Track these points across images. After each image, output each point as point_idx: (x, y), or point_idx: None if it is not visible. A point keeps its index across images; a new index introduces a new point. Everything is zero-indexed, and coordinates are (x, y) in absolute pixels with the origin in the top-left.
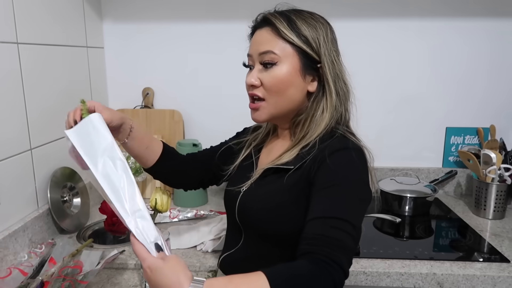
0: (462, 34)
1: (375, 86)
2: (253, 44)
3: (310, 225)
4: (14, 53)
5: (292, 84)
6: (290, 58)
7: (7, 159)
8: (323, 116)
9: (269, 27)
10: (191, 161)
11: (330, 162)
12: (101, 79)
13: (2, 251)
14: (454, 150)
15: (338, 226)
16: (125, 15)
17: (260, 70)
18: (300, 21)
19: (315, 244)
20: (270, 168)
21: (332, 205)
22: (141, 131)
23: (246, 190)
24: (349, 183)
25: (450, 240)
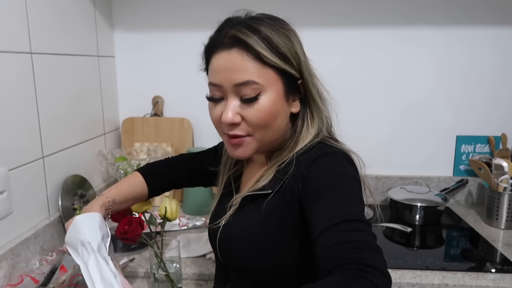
0: (467, 42)
1: (383, 94)
2: (221, 71)
3: (321, 240)
4: (28, 63)
5: (279, 112)
6: (274, 84)
7: (20, 167)
8: (308, 133)
9: (243, 49)
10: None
11: (312, 170)
12: (112, 88)
13: (14, 259)
14: (465, 158)
15: (351, 228)
16: (135, 24)
17: (240, 105)
18: (274, 35)
19: (337, 256)
20: (247, 196)
21: (335, 210)
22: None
23: (225, 224)
24: (341, 182)
25: (461, 250)
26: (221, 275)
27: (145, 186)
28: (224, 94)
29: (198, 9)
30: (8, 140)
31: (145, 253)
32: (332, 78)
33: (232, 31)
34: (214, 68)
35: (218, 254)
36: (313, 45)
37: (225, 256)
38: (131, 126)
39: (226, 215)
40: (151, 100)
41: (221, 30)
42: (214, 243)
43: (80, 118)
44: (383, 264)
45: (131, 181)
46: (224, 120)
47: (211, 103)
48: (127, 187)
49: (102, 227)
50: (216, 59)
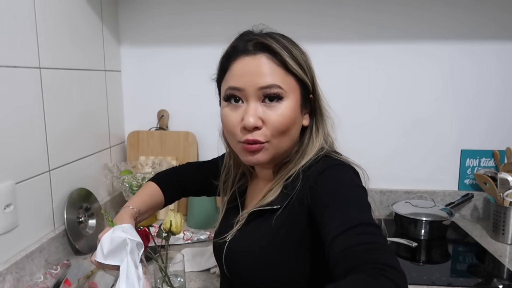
0: (472, 56)
1: (388, 108)
2: (245, 75)
3: (336, 245)
4: (37, 78)
5: (296, 121)
6: (295, 92)
7: (26, 180)
8: (313, 146)
9: (270, 55)
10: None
11: (320, 181)
12: (118, 102)
13: (19, 272)
14: (470, 172)
15: (365, 231)
16: (141, 39)
17: (261, 108)
18: (294, 49)
19: (353, 257)
20: (254, 212)
21: (347, 216)
22: (144, 209)
23: (231, 239)
24: (350, 190)
25: (468, 266)
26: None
27: (162, 195)
28: (245, 98)
29: (204, 24)
30: (16, 154)
31: (149, 267)
32: (337, 92)
33: (257, 38)
34: (236, 72)
35: (224, 269)
36: (319, 59)
37: (232, 271)
38: (136, 140)
39: (232, 230)
40: (156, 114)
41: (242, 39)
42: (220, 258)
43: (87, 132)
44: (397, 263)
45: (150, 192)
46: (247, 123)
47: (227, 109)
48: (148, 197)
49: (136, 236)
50: (238, 64)
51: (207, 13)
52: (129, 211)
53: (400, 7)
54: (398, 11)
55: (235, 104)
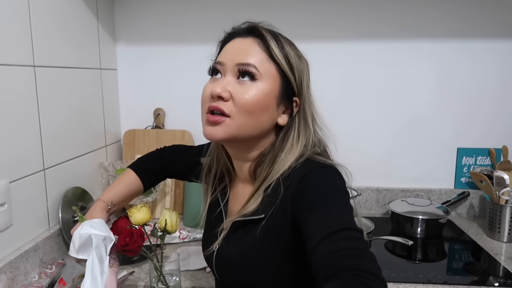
0: (469, 55)
1: (384, 107)
2: (230, 51)
3: (318, 250)
4: (31, 76)
5: (267, 108)
6: (272, 80)
7: (21, 179)
8: (290, 156)
9: (257, 39)
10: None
11: (303, 186)
12: (114, 100)
13: (14, 271)
14: (466, 171)
15: (345, 236)
16: (137, 37)
17: (233, 83)
18: (288, 47)
19: (334, 263)
20: (238, 221)
21: (329, 221)
22: (117, 200)
23: (219, 248)
24: (333, 194)
25: (464, 264)
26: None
27: (139, 182)
28: (224, 72)
29: (200, 23)
30: (10, 152)
31: (144, 266)
32: (333, 91)
33: (255, 25)
34: (225, 50)
35: (215, 274)
36: (315, 58)
37: (223, 276)
38: (132, 138)
39: (218, 240)
40: (152, 112)
41: (244, 24)
42: (210, 265)
43: (82, 130)
44: (378, 269)
45: (125, 180)
46: (214, 90)
47: (208, 82)
48: (122, 187)
49: (105, 230)
50: (229, 44)
51: (203, 11)
52: (100, 204)
53: (397, 5)
54: (394, 9)
55: (214, 78)
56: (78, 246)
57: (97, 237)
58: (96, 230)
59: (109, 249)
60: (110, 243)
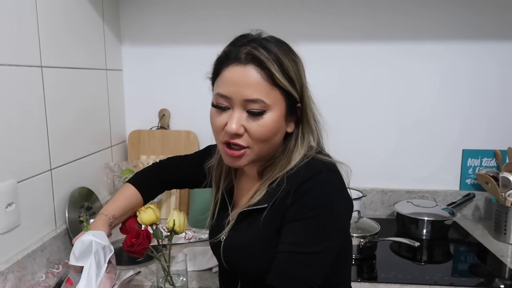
0: (473, 56)
1: (389, 108)
2: (234, 84)
3: (279, 257)
4: (38, 76)
5: (279, 130)
6: (279, 104)
7: (28, 179)
8: (298, 153)
9: (258, 67)
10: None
11: (300, 194)
12: (119, 101)
13: (21, 271)
14: (472, 172)
15: (307, 262)
16: (143, 38)
17: (245, 118)
18: (286, 60)
19: (281, 279)
20: (243, 212)
21: (300, 238)
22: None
23: (226, 239)
24: (319, 215)
25: (469, 265)
26: (228, 282)
27: (139, 195)
28: (231, 105)
29: (205, 23)
30: (17, 153)
31: (151, 266)
32: (337, 92)
33: (249, 48)
34: (226, 80)
35: (223, 264)
36: (318, 59)
37: (231, 265)
38: (137, 139)
39: (225, 230)
40: (157, 113)
41: (236, 45)
42: (218, 255)
43: (88, 131)
44: None
45: (125, 195)
46: (229, 129)
47: (215, 110)
48: (122, 200)
49: (105, 241)
50: (228, 72)
51: (208, 11)
52: (102, 218)
53: (399, 5)
54: (399, 10)
55: (223, 108)
56: (78, 253)
57: (98, 244)
58: (97, 239)
59: (107, 258)
60: (109, 253)
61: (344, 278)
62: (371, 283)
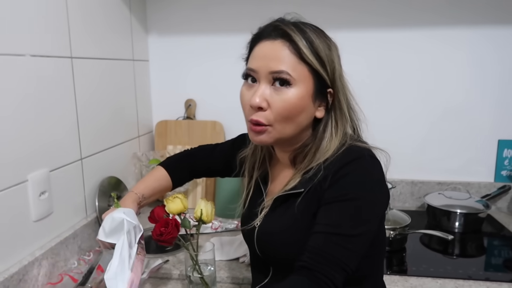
0: (507, 42)
1: (419, 96)
2: (262, 58)
3: (314, 237)
4: (68, 67)
5: (304, 109)
6: (306, 82)
7: (60, 168)
8: (331, 144)
9: (286, 42)
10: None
11: (339, 176)
12: (146, 91)
13: (54, 257)
14: (508, 163)
15: (342, 244)
16: (169, 28)
17: (269, 91)
18: (317, 40)
19: (316, 260)
20: (278, 197)
21: (337, 220)
22: (148, 194)
23: (260, 224)
24: (358, 198)
25: (504, 260)
26: (260, 270)
27: (169, 179)
28: (259, 79)
29: (231, 11)
30: (49, 142)
31: (179, 254)
32: (366, 80)
33: (281, 25)
34: (256, 54)
35: (256, 250)
36: (347, 46)
37: (264, 251)
38: (164, 129)
39: (260, 216)
40: (184, 103)
41: (270, 24)
42: (251, 242)
43: (116, 121)
44: (341, 285)
45: (156, 176)
46: (252, 102)
47: (244, 88)
48: (153, 182)
49: (136, 220)
50: (259, 47)
51: (234, 2)
52: (132, 196)
53: None
54: None
55: (251, 84)
56: (108, 230)
57: (129, 224)
58: (128, 217)
59: (138, 238)
60: (139, 232)
61: (377, 271)
62: (401, 276)
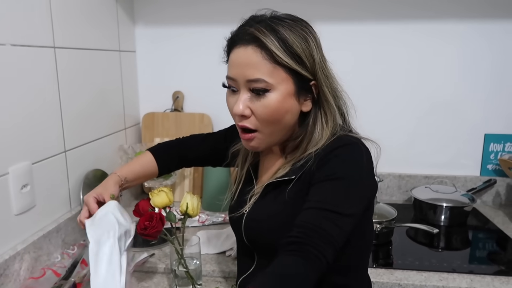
0: (495, 36)
1: (407, 90)
2: (237, 66)
3: (304, 213)
4: (51, 57)
5: (287, 110)
6: (285, 83)
7: (42, 161)
8: (322, 135)
9: (258, 47)
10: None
11: (329, 158)
12: (133, 83)
13: (37, 252)
14: (494, 158)
15: (333, 220)
16: (156, 19)
17: (250, 98)
18: (291, 36)
19: (307, 234)
20: (269, 184)
21: (328, 197)
22: (131, 177)
23: (249, 211)
24: (348, 179)
25: (488, 253)
26: (247, 258)
27: (155, 165)
28: (238, 87)
29: (220, 3)
30: (32, 134)
31: (165, 248)
32: (353, 74)
33: (251, 29)
34: (232, 62)
35: (244, 239)
36: (334, 40)
37: (251, 238)
38: (151, 121)
39: (249, 203)
40: (171, 95)
41: (242, 27)
42: (239, 229)
43: (102, 113)
44: (331, 259)
45: (142, 161)
46: (235, 111)
47: (228, 93)
48: (138, 166)
49: (129, 222)
50: (234, 54)
51: None
52: (115, 178)
53: None
54: None
55: (232, 90)
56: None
57: (122, 228)
58: (124, 219)
59: (128, 244)
60: (129, 238)
61: (363, 263)
62: (387, 269)
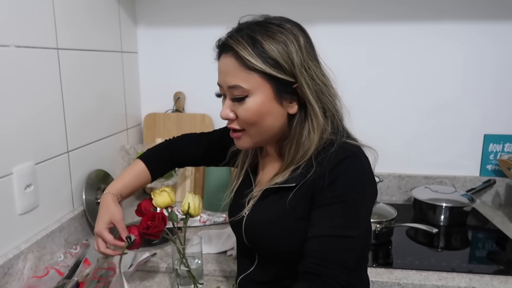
0: (497, 38)
1: (408, 91)
2: (221, 73)
3: (317, 241)
4: (54, 59)
5: (268, 113)
6: (262, 88)
7: (46, 161)
8: (310, 139)
9: (233, 55)
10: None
11: (334, 176)
12: (134, 84)
13: (40, 251)
14: (493, 158)
15: (347, 246)
16: (158, 20)
17: (233, 103)
18: (268, 41)
19: (323, 265)
20: (269, 188)
21: (340, 222)
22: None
23: (248, 214)
24: (356, 198)
25: (488, 252)
26: (247, 258)
27: (148, 173)
28: (224, 93)
29: (221, 4)
30: (35, 135)
31: (166, 248)
32: (356, 74)
33: (228, 39)
34: (218, 70)
35: (245, 240)
36: (338, 40)
37: (252, 241)
38: (153, 122)
39: (248, 206)
40: (172, 96)
41: (224, 37)
42: (239, 232)
43: (104, 114)
44: (346, 284)
45: (134, 172)
46: (221, 115)
47: (222, 98)
48: (131, 178)
49: None
50: (219, 62)
51: None
52: (111, 198)
53: None
54: None
55: (222, 96)
56: None
57: None
58: None
59: None
60: None
61: (362, 264)
62: (386, 269)
